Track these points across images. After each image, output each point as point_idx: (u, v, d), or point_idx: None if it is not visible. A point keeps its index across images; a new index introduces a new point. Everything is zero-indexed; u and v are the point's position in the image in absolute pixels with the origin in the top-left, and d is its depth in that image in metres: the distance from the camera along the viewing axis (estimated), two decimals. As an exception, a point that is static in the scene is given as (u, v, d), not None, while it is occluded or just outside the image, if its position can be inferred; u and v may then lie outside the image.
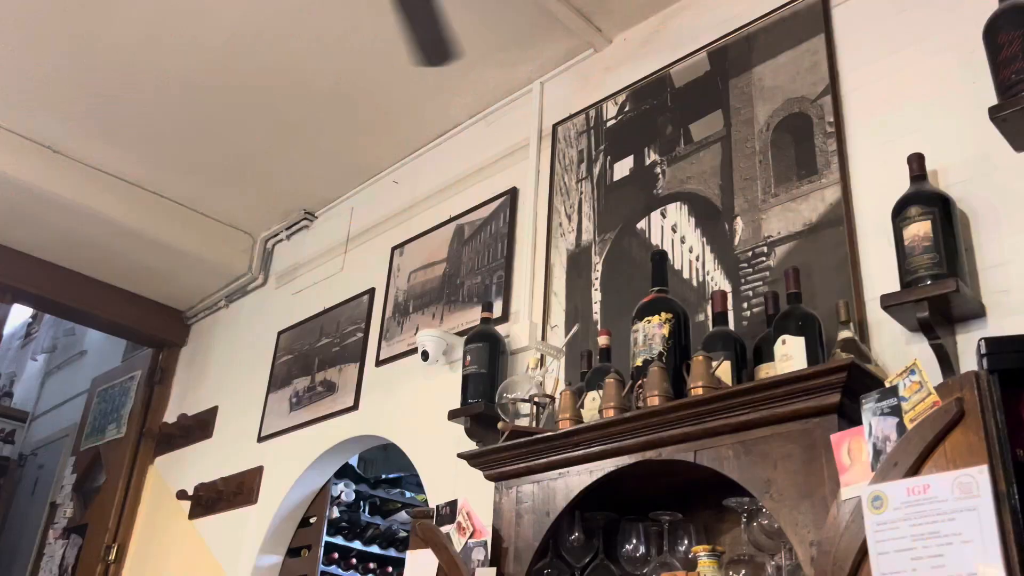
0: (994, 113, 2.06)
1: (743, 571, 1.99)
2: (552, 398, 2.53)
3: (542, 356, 2.84)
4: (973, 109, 2.22)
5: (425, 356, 3.29)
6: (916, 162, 2.21)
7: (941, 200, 2.13)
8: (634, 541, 2.29)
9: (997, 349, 1.69)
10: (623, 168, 3.19)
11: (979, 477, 1.42)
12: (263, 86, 3.82)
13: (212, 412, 4.73)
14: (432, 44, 2.67)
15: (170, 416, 5.10)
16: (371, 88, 3.81)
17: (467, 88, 3.77)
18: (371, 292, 4.05)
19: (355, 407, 3.78)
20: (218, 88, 3.85)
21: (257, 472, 4.14)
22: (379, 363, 3.78)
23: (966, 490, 1.43)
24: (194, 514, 4.43)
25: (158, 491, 4.90)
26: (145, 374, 5.39)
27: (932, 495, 1.47)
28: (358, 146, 4.19)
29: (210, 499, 4.30)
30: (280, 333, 4.52)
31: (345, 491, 4.65)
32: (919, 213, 2.11)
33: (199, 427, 4.73)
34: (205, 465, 4.54)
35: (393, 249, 4.04)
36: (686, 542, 2.25)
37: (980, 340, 1.71)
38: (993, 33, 2.14)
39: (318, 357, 4.15)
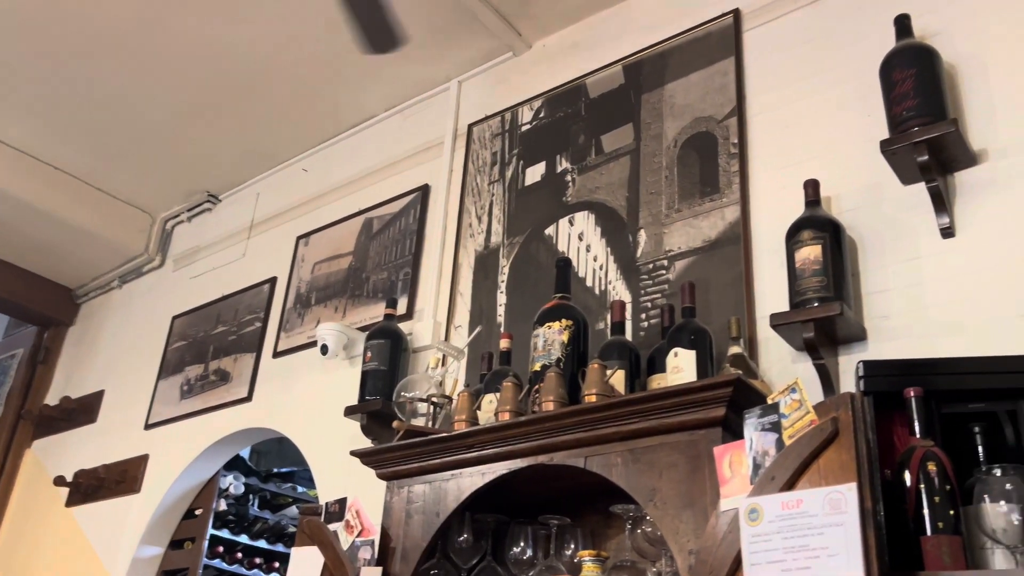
0: (885, 146, 2.17)
1: (624, 576, 2.04)
2: (450, 399, 2.53)
3: (444, 356, 2.83)
4: (867, 141, 2.33)
5: (324, 350, 3.23)
6: (811, 188, 2.30)
7: (832, 226, 2.22)
8: (522, 544, 2.31)
9: (874, 372, 1.78)
10: (535, 173, 3.22)
11: (848, 494, 1.49)
12: (171, 61, 3.69)
13: (98, 396, 4.53)
14: (377, 30, 2.62)
15: (52, 398, 4.87)
16: (286, 73, 3.73)
17: (385, 81, 3.74)
18: (273, 281, 3.96)
19: (249, 398, 3.69)
20: (124, 60, 3.69)
21: (142, 460, 4.00)
22: (276, 354, 3.70)
23: (836, 506, 1.50)
24: (72, 501, 4.23)
25: (34, 476, 4.66)
26: (28, 352, 5.12)
27: (804, 510, 1.53)
28: (268, 130, 4.09)
29: (90, 486, 4.12)
30: (175, 318, 4.37)
31: (234, 484, 4.53)
32: (811, 237, 2.20)
33: (83, 411, 4.53)
34: (87, 451, 4.35)
35: (298, 239, 3.96)
36: (573, 546, 2.28)
37: (859, 363, 1.80)
38: (888, 70, 2.25)
39: (213, 345, 4.04)
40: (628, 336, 2.54)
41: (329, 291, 3.68)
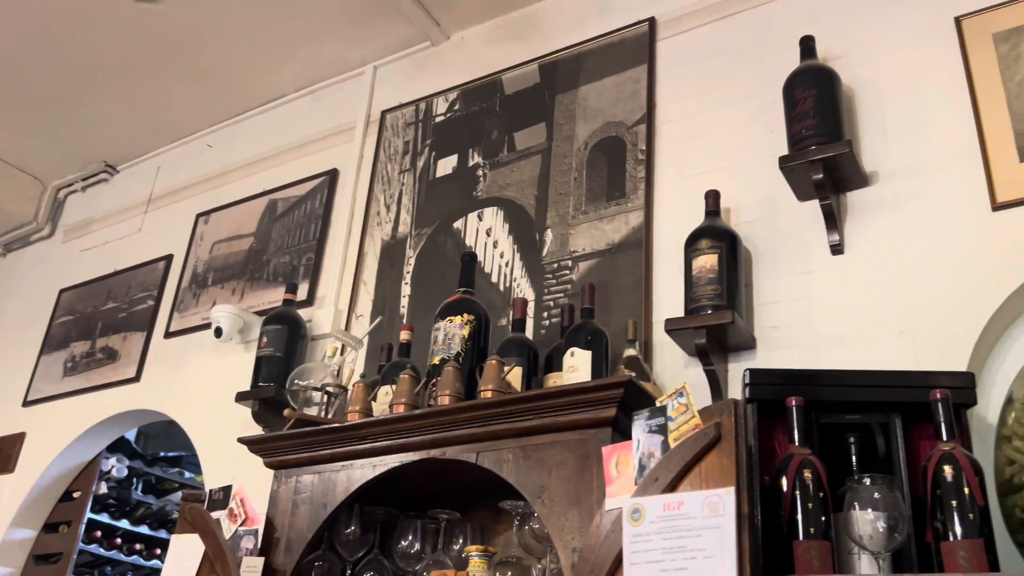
0: (783, 163, 2.24)
1: (509, 573, 2.04)
2: (345, 389, 2.49)
3: (342, 345, 2.79)
4: (767, 156, 2.40)
5: (219, 333, 3.14)
6: (712, 198, 2.36)
7: (730, 236, 2.28)
8: (410, 537, 2.29)
9: (759, 380, 1.83)
10: (446, 165, 3.20)
11: (726, 498, 1.53)
12: (71, 24, 3.51)
13: (-28, 369, 4.29)
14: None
15: (-77, 369, 4.58)
16: (195, 44, 3.60)
17: (298, 60, 3.65)
18: (169, 259, 3.82)
19: (137, 379, 3.56)
20: (19, 21, 3.49)
21: (18, 439, 3.80)
22: (168, 335, 3.58)
23: (714, 509, 1.54)
24: (-63, 479, 3.99)
25: None
26: None
27: (685, 511, 1.57)
28: (172, 102, 3.94)
29: (-41, 464, 3.89)
30: (62, 291, 4.17)
31: (117, 466, 4.35)
32: (708, 246, 2.25)
33: (-45, 384, 4.27)
34: (-43, 427, 4.11)
35: (198, 216, 3.84)
36: (461, 541, 2.28)
37: (746, 370, 1.85)
38: (791, 89, 2.33)
39: (102, 321, 3.87)
40: (530, 334, 2.56)
41: (227, 272, 3.57)
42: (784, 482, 1.66)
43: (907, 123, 2.28)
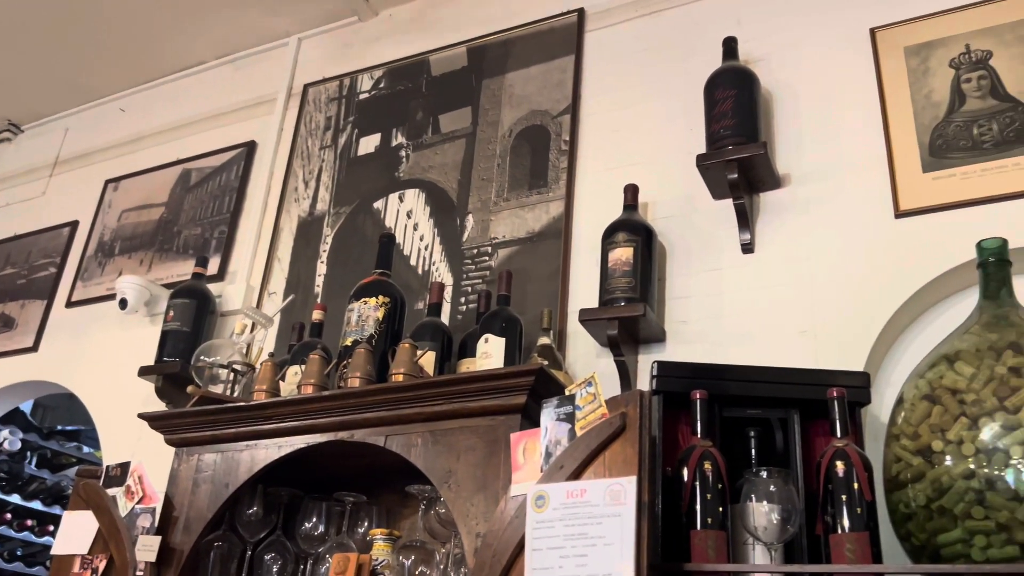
0: (700, 161, 2.28)
1: (412, 556, 2.03)
2: (252, 367, 2.44)
3: (252, 323, 2.72)
4: (686, 154, 2.44)
5: (124, 304, 3.03)
6: (631, 192, 2.39)
7: (646, 231, 2.32)
8: (315, 519, 2.26)
9: (666, 373, 1.87)
10: (369, 144, 3.15)
11: (628, 487, 1.56)
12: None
13: None
14: None
15: None
16: (110, 4, 3.44)
17: (219, 26, 3.54)
18: (74, 225, 3.67)
19: (34, 348, 3.41)
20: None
21: (-99, 407, 3.60)
22: (70, 304, 3.44)
23: (616, 497, 1.56)
24: None
25: None
26: None
27: (587, 499, 1.59)
28: (84, 62, 3.77)
29: None
30: (-44, 254, 3.96)
31: (9, 439, 4.17)
32: (625, 239, 2.28)
33: None
34: None
35: (107, 183, 3.69)
36: (367, 524, 2.26)
37: (654, 363, 1.88)
38: (712, 88, 2.37)
39: (-2, 287, 3.69)
40: (446, 319, 2.55)
41: (136, 242, 3.45)
42: (685, 473, 1.70)
43: (820, 128, 2.35)
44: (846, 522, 1.58)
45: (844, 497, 1.60)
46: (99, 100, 3.96)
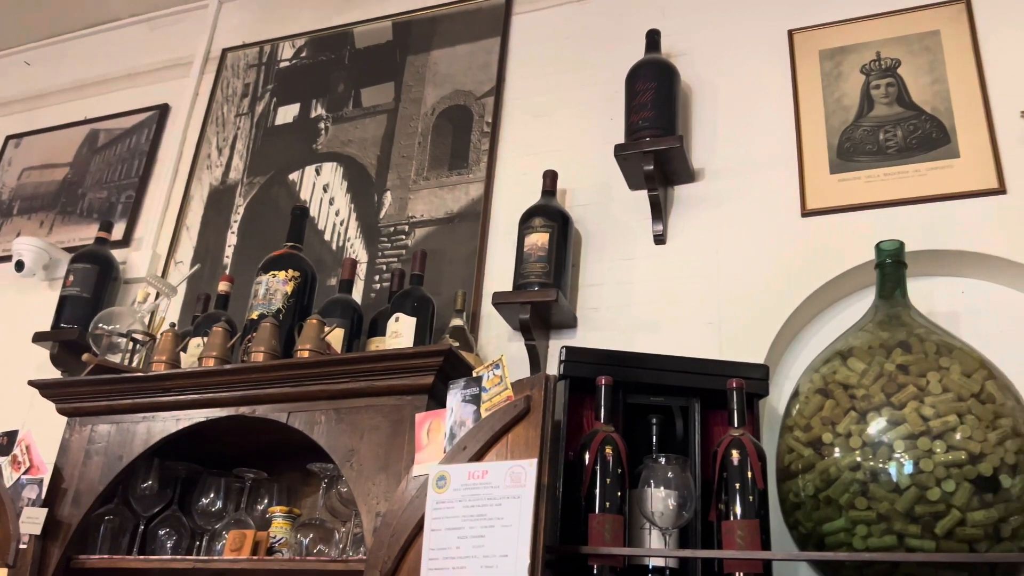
0: (618, 151, 2.30)
1: (311, 535, 2.01)
2: (153, 337, 2.36)
3: (156, 292, 2.63)
4: (605, 143, 2.46)
5: (20, 266, 2.90)
6: (549, 178, 2.40)
7: (562, 217, 2.33)
8: (212, 495, 2.21)
9: (573, 358, 1.88)
10: (287, 114, 3.08)
11: (528, 469, 1.57)
12: None
13: None
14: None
15: None
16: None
17: (135, -17, 3.39)
18: (-31, 181, 3.48)
19: (-79, 309, 3.22)
20: None
21: None
22: (-38, 264, 3.26)
23: (516, 479, 1.57)
24: None
25: None
26: None
27: (488, 481, 1.59)
28: (-13, 10, 3.57)
29: None
30: None
31: None
32: (541, 224, 2.29)
33: None
34: None
35: (8, 138, 3.51)
36: (266, 501, 2.22)
37: (562, 348, 1.89)
38: (633, 80, 2.39)
39: None
40: (359, 297, 2.52)
41: (36, 203, 3.30)
42: (587, 457, 1.72)
43: (736, 125, 2.40)
44: (738, 509, 1.63)
45: (738, 485, 1.65)
46: (3, 52, 3.76)
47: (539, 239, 2.27)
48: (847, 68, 2.33)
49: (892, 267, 1.82)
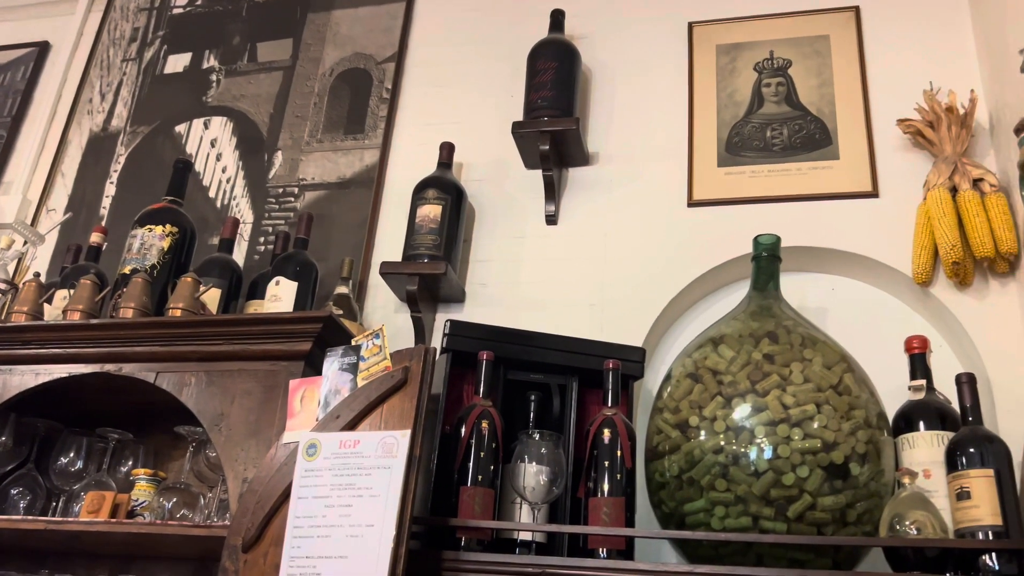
0: (515, 128, 2.30)
1: (175, 499, 1.94)
2: (16, 286, 2.23)
3: (23, 239, 2.49)
4: (504, 120, 2.45)
5: None
6: (446, 150, 2.37)
7: (457, 190, 2.31)
8: (72, 455, 2.11)
9: (457, 332, 1.88)
10: (177, 63, 2.94)
11: (401, 440, 1.56)
12: None
13: None
14: None
15: None
16: None
17: (17, -92, 3.17)
18: None
19: None
20: None
21: None
22: None
23: (388, 450, 1.56)
24: None
25: None
26: None
27: (360, 450, 1.58)
28: None
29: None
30: None
31: None
32: (435, 196, 2.27)
33: None
34: None
35: None
36: (131, 463, 2.14)
37: (446, 321, 1.89)
38: (535, 58, 2.39)
39: None
40: (241, 258, 2.45)
41: None
42: (463, 431, 1.73)
43: (632, 112, 2.43)
44: (606, 487, 1.67)
45: (607, 463, 1.68)
46: None
47: (432, 211, 2.25)
48: (741, 64, 2.39)
49: (767, 260, 1.89)
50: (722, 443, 1.63)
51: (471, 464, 1.69)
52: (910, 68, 2.25)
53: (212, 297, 2.04)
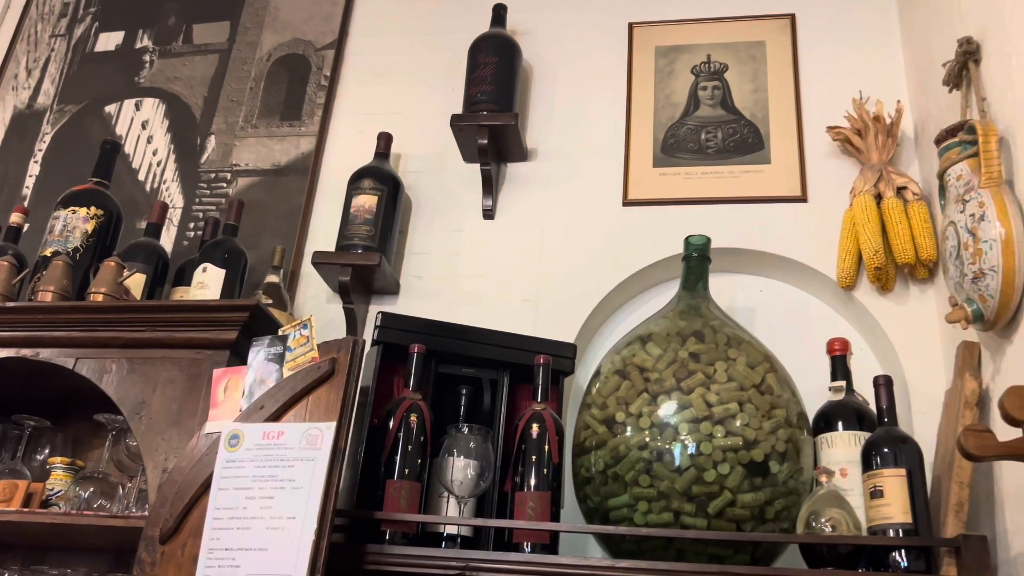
0: (454, 121, 2.29)
1: (92, 488, 1.89)
2: (-73, 266, 2.13)
3: (-62, 216, 2.39)
4: (443, 112, 2.43)
5: None
6: (384, 140, 2.35)
7: (393, 181, 2.30)
8: (-15, 442, 2.04)
9: (389, 324, 1.86)
10: (109, 41, 2.85)
11: (326, 432, 1.54)
12: None
13: None
14: None
15: None
16: None
17: None
18: None
19: None
20: None
21: None
22: None
23: (312, 442, 1.54)
24: None
25: None
26: None
27: (283, 442, 1.55)
28: None
29: None
30: None
31: None
32: (371, 187, 2.25)
33: None
34: None
35: None
36: (48, 451, 2.08)
37: (378, 313, 1.87)
38: (476, 52, 2.38)
39: None
40: (170, 244, 2.40)
41: None
42: (391, 424, 1.72)
43: (571, 110, 2.44)
44: (532, 481, 1.68)
45: (534, 458, 1.69)
46: None
47: (367, 201, 2.23)
48: (679, 67, 2.42)
49: (697, 261, 1.92)
50: (647, 439, 1.65)
51: (398, 457, 1.68)
52: (841, 77, 2.31)
53: (136, 282, 1.99)
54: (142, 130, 2.67)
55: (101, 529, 1.77)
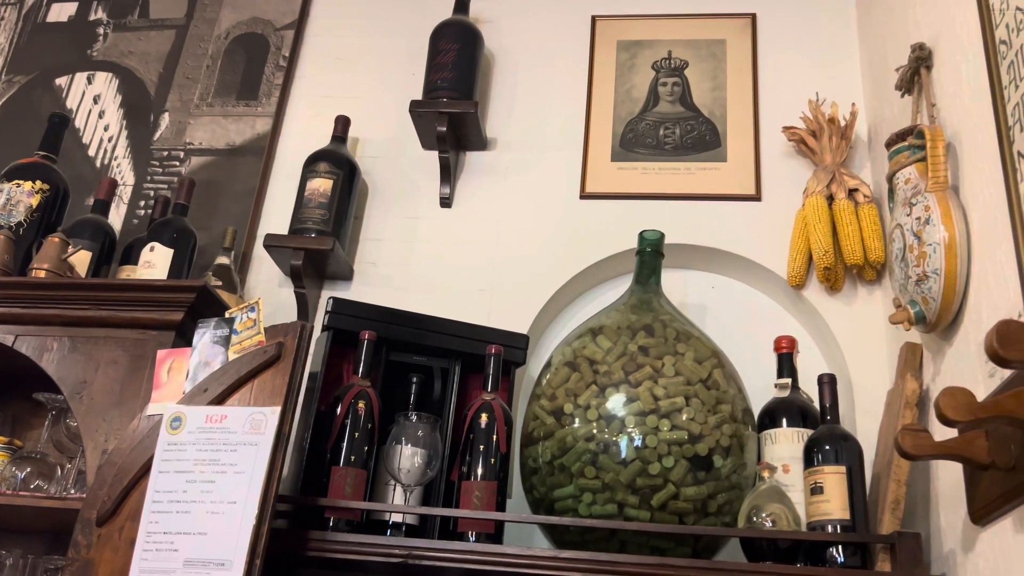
0: (413, 107, 2.27)
1: (29, 468, 1.84)
2: None
3: None
4: (403, 98, 2.41)
5: None
6: (341, 124, 2.33)
7: (350, 166, 2.27)
8: (-82, 420, 1.98)
9: (340, 310, 1.84)
10: (62, 12, 2.78)
11: (271, 417, 1.52)
12: None
13: None
14: None
15: None
16: None
17: None
18: None
19: None
20: None
21: None
22: None
23: (256, 427, 1.52)
24: None
25: None
26: None
27: (227, 426, 1.53)
28: None
29: None
30: None
31: None
32: (326, 170, 2.22)
33: None
34: None
35: None
36: (-15, 431, 2.02)
37: (329, 298, 1.85)
38: (437, 38, 2.36)
39: None
40: (119, 221, 2.36)
41: None
42: (339, 410, 1.70)
43: (531, 101, 2.43)
44: (479, 471, 1.68)
45: (482, 447, 1.69)
46: None
47: (322, 185, 2.20)
48: (640, 62, 2.43)
49: (651, 256, 1.93)
50: (594, 431, 1.66)
51: (344, 444, 1.67)
52: (799, 78, 2.33)
53: (81, 259, 1.95)
54: (94, 104, 2.61)
55: (37, 510, 1.73)
